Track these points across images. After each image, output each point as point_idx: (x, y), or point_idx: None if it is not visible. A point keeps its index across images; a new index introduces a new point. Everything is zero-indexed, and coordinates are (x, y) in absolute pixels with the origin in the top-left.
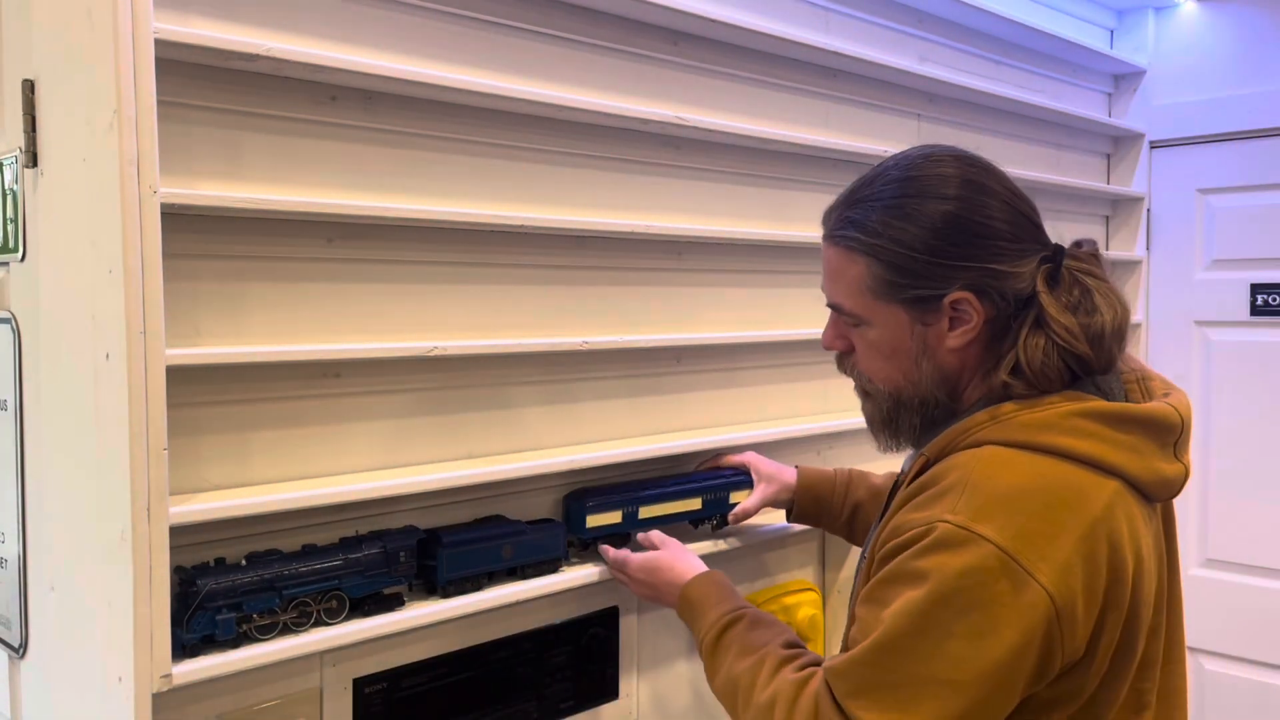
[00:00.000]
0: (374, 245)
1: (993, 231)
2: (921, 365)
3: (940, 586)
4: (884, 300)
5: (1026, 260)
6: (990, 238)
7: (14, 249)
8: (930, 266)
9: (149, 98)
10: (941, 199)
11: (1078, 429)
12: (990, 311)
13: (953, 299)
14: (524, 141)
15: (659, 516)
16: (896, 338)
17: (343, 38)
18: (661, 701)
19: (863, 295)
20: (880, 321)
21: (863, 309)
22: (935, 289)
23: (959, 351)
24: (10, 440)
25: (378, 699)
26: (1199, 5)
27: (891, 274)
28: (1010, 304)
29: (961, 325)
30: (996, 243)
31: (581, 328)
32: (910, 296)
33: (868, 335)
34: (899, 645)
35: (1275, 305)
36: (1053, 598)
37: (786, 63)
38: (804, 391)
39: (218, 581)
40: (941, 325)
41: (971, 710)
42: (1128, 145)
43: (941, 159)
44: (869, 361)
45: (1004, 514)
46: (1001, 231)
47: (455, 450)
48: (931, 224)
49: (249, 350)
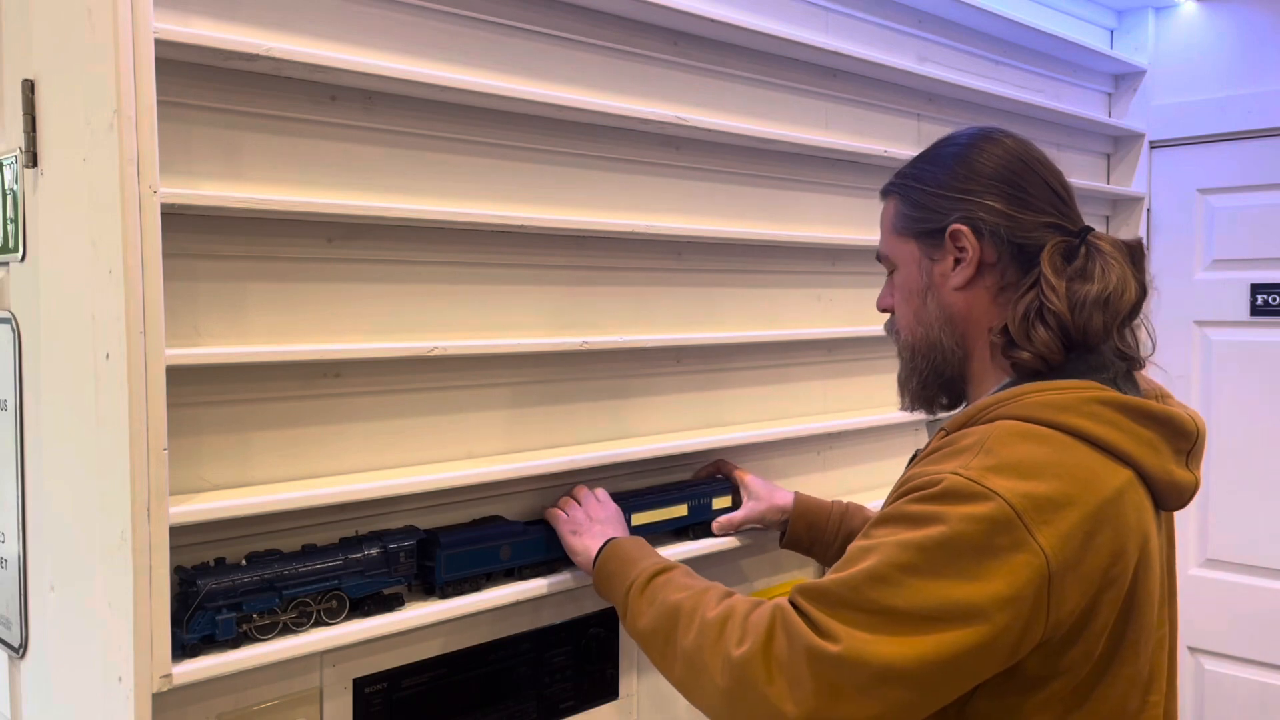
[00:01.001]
0: (374, 245)
1: (994, 174)
2: (928, 304)
3: (940, 530)
4: (902, 236)
5: (1033, 213)
6: (990, 178)
7: (14, 249)
8: (934, 198)
9: (149, 98)
10: (956, 145)
11: (1097, 415)
12: (990, 254)
13: (951, 229)
14: (524, 141)
15: (649, 524)
16: (911, 276)
17: (343, 38)
18: (661, 701)
19: (890, 235)
20: (901, 259)
21: (890, 248)
22: (937, 221)
23: (963, 294)
24: (10, 440)
25: (377, 699)
26: (1199, 5)
27: (908, 208)
28: (1012, 254)
29: (961, 263)
30: (996, 184)
31: (581, 328)
32: (920, 229)
33: (896, 281)
34: (884, 575)
35: (1275, 305)
36: (1048, 561)
37: (786, 63)
38: (804, 392)
39: (218, 581)
40: (946, 263)
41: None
42: (1128, 145)
43: (981, 126)
44: (899, 311)
45: (1016, 477)
46: (1003, 176)
47: (455, 450)
48: (945, 164)
49: (249, 350)
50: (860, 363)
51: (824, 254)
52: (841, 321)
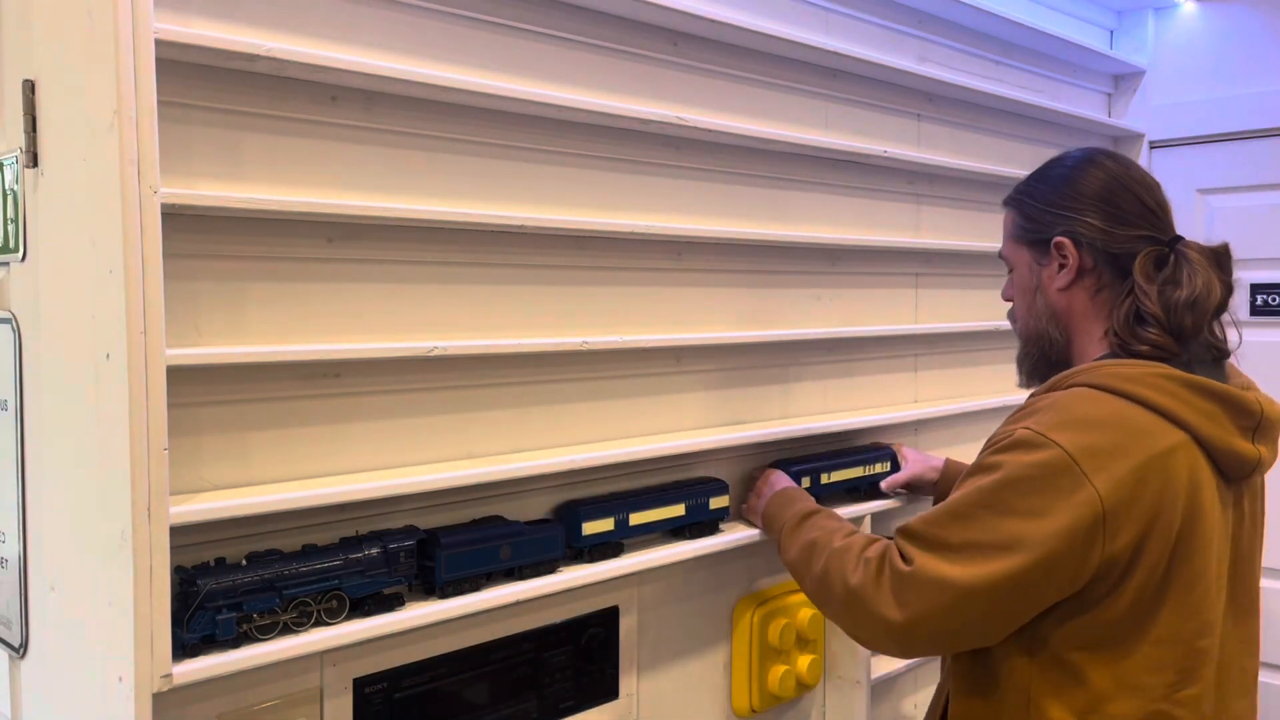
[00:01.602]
0: (374, 245)
1: (1093, 194)
2: (1038, 302)
3: (1010, 473)
4: (1018, 242)
5: (1123, 228)
6: (1090, 198)
7: (14, 249)
8: (1043, 213)
9: (149, 98)
10: (1064, 167)
11: (1159, 386)
12: (1088, 261)
13: (1056, 241)
14: (524, 141)
15: (646, 523)
16: (1024, 276)
17: (343, 38)
18: (661, 701)
19: (1009, 240)
20: (1017, 262)
21: (1009, 251)
22: (1044, 233)
23: (1065, 294)
24: (10, 440)
25: (378, 699)
26: (1199, 5)
27: (1022, 219)
28: (1108, 262)
29: (1063, 268)
30: (1095, 203)
31: (581, 328)
32: (1031, 239)
33: (1014, 280)
34: (964, 513)
35: (1275, 305)
36: (1103, 500)
37: (786, 63)
38: (803, 392)
39: (218, 581)
40: (1051, 267)
41: (1014, 576)
42: (1128, 145)
43: (1087, 149)
44: (1016, 304)
45: (1077, 430)
46: (1101, 195)
47: (455, 450)
48: (1053, 183)
49: (249, 350)
50: (860, 363)
51: (824, 254)
52: (841, 321)
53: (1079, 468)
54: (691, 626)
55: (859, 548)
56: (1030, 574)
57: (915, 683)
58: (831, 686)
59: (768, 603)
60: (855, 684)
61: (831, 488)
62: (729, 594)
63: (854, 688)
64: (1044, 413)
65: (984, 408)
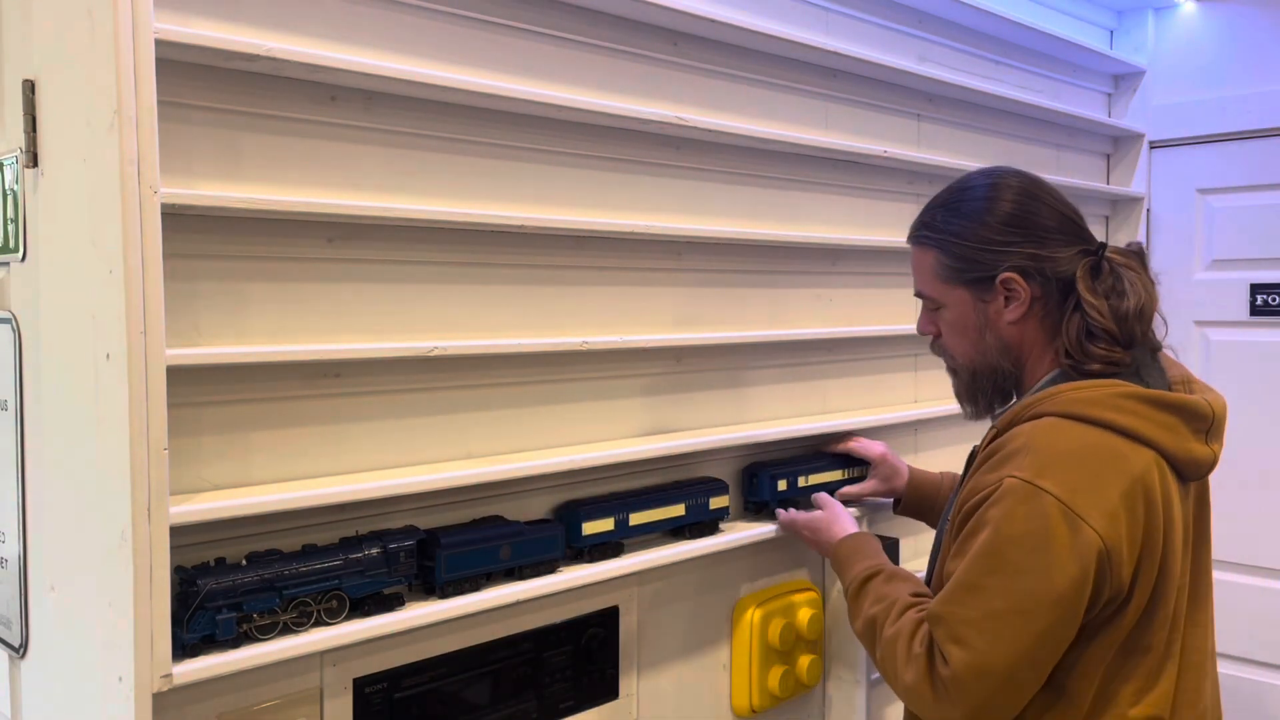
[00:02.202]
0: (374, 245)
1: (1032, 224)
2: (986, 338)
3: (1011, 531)
4: (950, 283)
5: (1064, 249)
6: (1029, 229)
7: (14, 249)
8: (980, 252)
9: (149, 98)
10: (986, 199)
11: (1121, 407)
12: (1037, 291)
13: (1003, 278)
14: (524, 141)
15: (646, 523)
16: (964, 315)
17: (343, 38)
18: (661, 701)
19: (935, 281)
20: (950, 302)
21: (936, 293)
22: (987, 271)
23: (1017, 325)
24: (10, 440)
25: (378, 699)
26: (1199, 5)
27: (952, 260)
28: (1054, 285)
29: (1014, 301)
30: (1034, 233)
31: (581, 328)
32: (969, 279)
33: (945, 317)
34: (977, 584)
35: (1275, 305)
36: (1103, 539)
37: (786, 63)
38: (803, 392)
39: (218, 581)
40: (998, 303)
41: (1042, 635)
42: (1127, 145)
43: (992, 172)
44: (950, 340)
45: (1060, 471)
46: (1040, 224)
47: (455, 450)
48: (975, 218)
49: (249, 350)
50: (860, 362)
51: (824, 254)
52: (842, 321)
53: (1073, 512)
54: (691, 626)
55: (907, 637)
56: (1055, 628)
57: None
58: (831, 686)
59: (768, 603)
60: (855, 684)
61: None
62: (729, 594)
63: (854, 688)
64: (1022, 455)
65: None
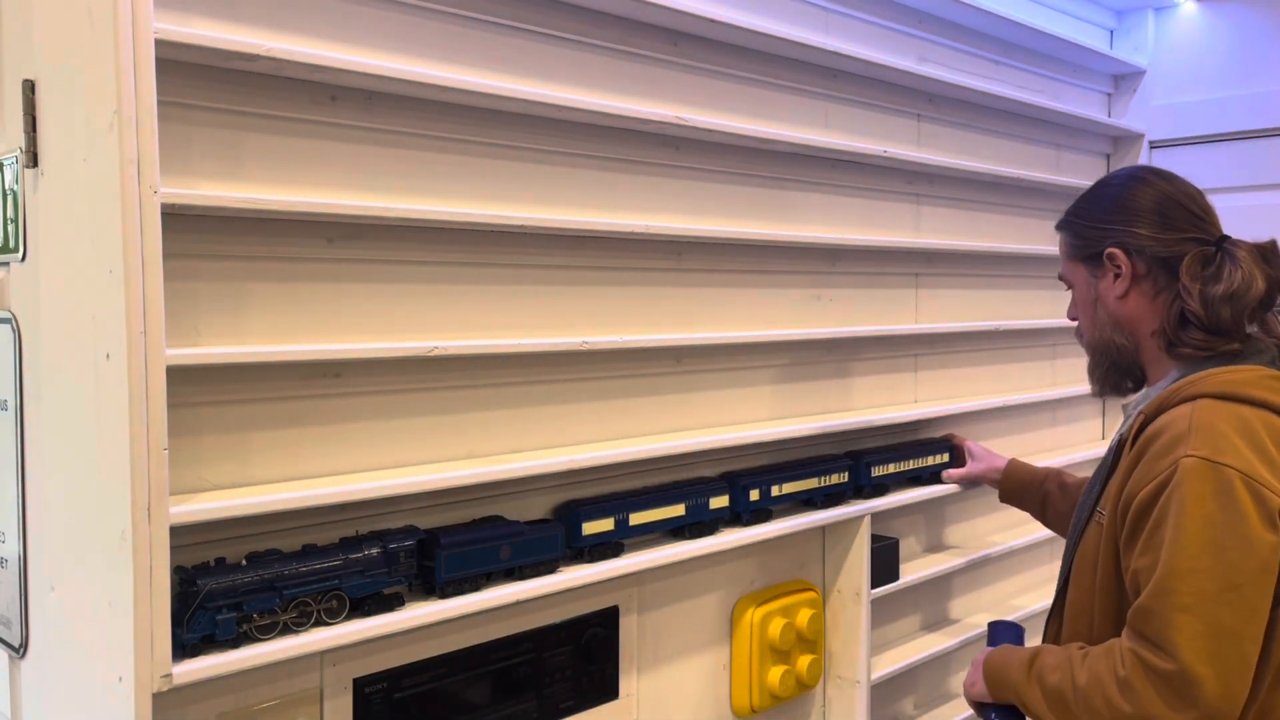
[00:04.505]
0: (374, 245)
1: (1140, 206)
2: (1099, 313)
3: (1201, 509)
4: (1073, 261)
5: (1170, 233)
6: (1137, 210)
7: (14, 249)
8: (1091, 229)
9: (149, 98)
10: (1107, 186)
11: (1271, 387)
12: (1140, 268)
13: (1107, 252)
14: (524, 141)
15: (646, 523)
16: (1083, 292)
17: (343, 38)
18: (661, 701)
19: (1065, 261)
20: (1075, 280)
21: (1067, 271)
22: (1096, 247)
23: (1123, 301)
24: (10, 440)
25: (378, 699)
26: (1199, 5)
27: (1074, 238)
28: (1158, 267)
29: (1118, 278)
30: (1142, 214)
31: (581, 328)
32: (1085, 254)
33: (1075, 297)
34: (1182, 569)
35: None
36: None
37: (786, 63)
38: (803, 392)
39: (218, 581)
40: (1107, 278)
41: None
42: (1127, 145)
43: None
44: (1081, 320)
45: (1235, 446)
46: (1147, 207)
47: (455, 450)
48: (1098, 201)
49: (249, 350)
50: (860, 363)
51: (824, 254)
52: (841, 321)
53: (1256, 481)
54: (691, 626)
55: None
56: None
57: (915, 683)
58: (831, 686)
59: (768, 603)
60: (855, 684)
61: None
62: (729, 594)
63: (854, 688)
64: (1191, 435)
65: (984, 408)
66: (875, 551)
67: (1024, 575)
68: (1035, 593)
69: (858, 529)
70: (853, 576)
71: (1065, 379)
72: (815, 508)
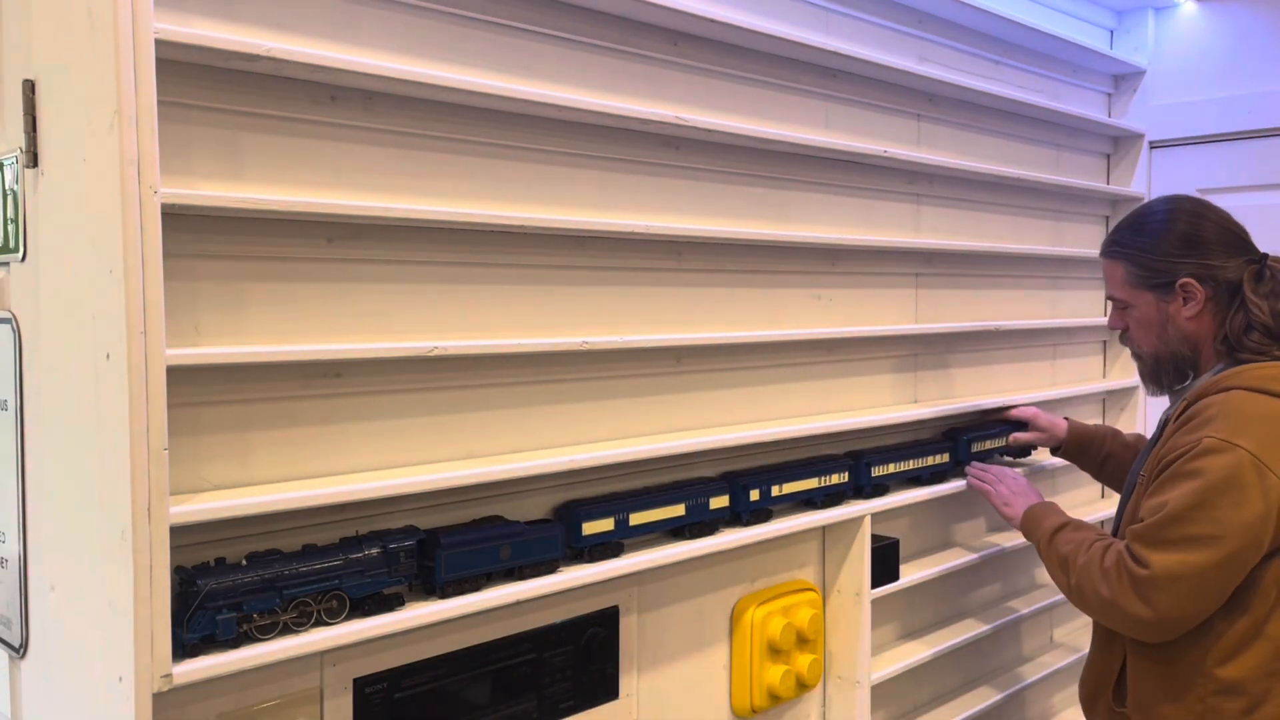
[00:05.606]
0: (374, 245)
1: (1202, 240)
2: (1169, 331)
3: (1211, 477)
4: (1138, 288)
5: (1233, 259)
6: (1200, 244)
7: (14, 249)
8: (1162, 262)
9: (149, 98)
10: (1165, 221)
11: None
12: (1210, 292)
13: (1182, 283)
14: (524, 141)
15: (646, 523)
16: (1149, 314)
17: (343, 38)
18: (661, 701)
19: (1124, 287)
20: (1138, 304)
21: (1126, 295)
22: (1168, 278)
23: (1194, 320)
24: (10, 440)
25: (378, 699)
26: (1199, 5)
27: (1139, 270)
28: (1224, 288)
29: (1191, 301)
30: (1204, 247)
31: (581, 328)
32: (1153, 284)
33: (1133, 315)
34: (1181, 515)
35: None
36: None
37: (786, 63)
38: (803, 392)
39: (218, 581)
40: (1178, 303)
41: (1231, 556)
42: (1127, 145)
43: (1169, 199)
44: (1137, 334)
45: (1251, 432)
46: (1208, 240)
47: (455, 450)
48: (1161, 236)
49: (249, 350)
50: (860, 362)
51: (824, 254)
52: (841, 321)
53: (1262, 463)
54: (691, 626)
55: (1099, 559)
56: (1243, 551)
57: (915, 682)
58: (831, 686)
59: (768, 603)
60: (855, 684)
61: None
62: (729, 594)
63: (854, 688)
64: (1218, 420)
65: (984, 407)
66: (875, 551)
67: (1024, 575)
68: (1035, 592)
69: (858, 529)
70: (853, 576)
71: (1065, 379)
72: (815, 508)
